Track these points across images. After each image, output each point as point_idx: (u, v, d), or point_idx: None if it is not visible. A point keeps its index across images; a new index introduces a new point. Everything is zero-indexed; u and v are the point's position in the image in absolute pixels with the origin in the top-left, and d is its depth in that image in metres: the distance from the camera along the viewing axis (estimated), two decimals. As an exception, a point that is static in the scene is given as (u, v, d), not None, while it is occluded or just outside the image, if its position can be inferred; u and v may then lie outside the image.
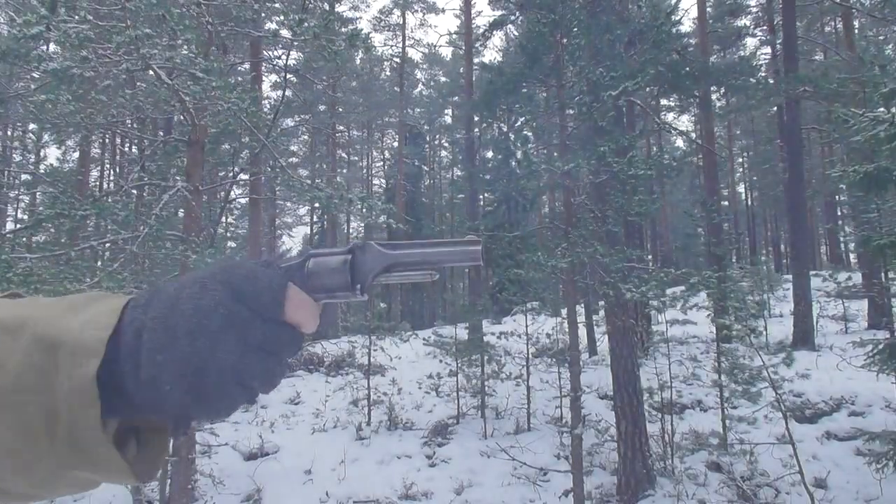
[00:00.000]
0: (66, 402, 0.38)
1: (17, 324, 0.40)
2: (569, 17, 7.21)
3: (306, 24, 5.94)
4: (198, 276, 0.42)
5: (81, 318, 0.41)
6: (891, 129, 5.19)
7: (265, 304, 0.41)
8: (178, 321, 0.39)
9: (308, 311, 0.43)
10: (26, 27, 4.52)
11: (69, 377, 0.38)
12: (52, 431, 0.38)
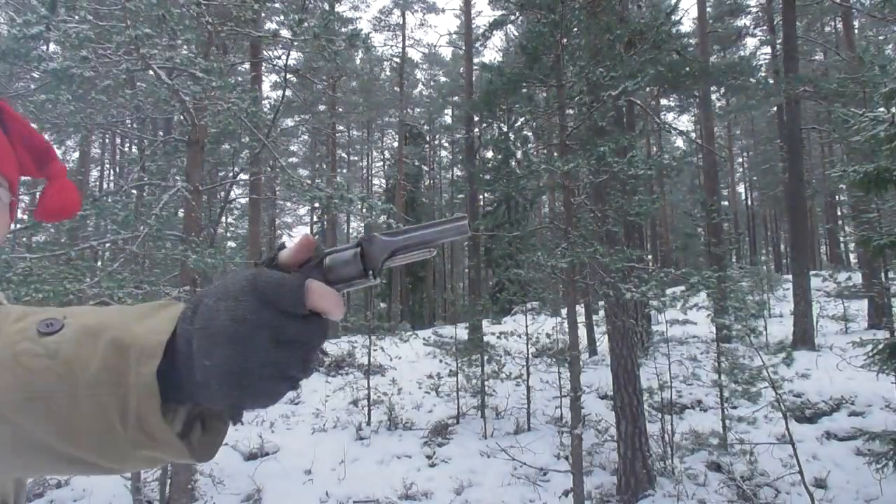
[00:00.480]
0: (135, 395, 0.46)
1: (99, 328, 0.49)
2: (569, 17, 7.20)
3: (306, 24, 5.94)
4: (232, 289, 0.48)
5: (147, 325, 0.49)
6: (891, 129, 5.18)
7: (289, 303, 0.47)
8: (219, 330, 0.46)
9: (330, 300, 0.49)
10: (26, 27, 4.52)
11: (137, 374, 0.46)
12: (124, 419, 0.47)
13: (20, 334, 0.50)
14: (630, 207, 7.37)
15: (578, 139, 8.27)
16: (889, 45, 20.50)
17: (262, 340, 0.46)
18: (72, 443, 0.48)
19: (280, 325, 0.47)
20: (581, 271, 7.82)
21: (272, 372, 0.47)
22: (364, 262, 0.53)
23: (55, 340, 0.49)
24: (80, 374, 0.47)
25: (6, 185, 0.92)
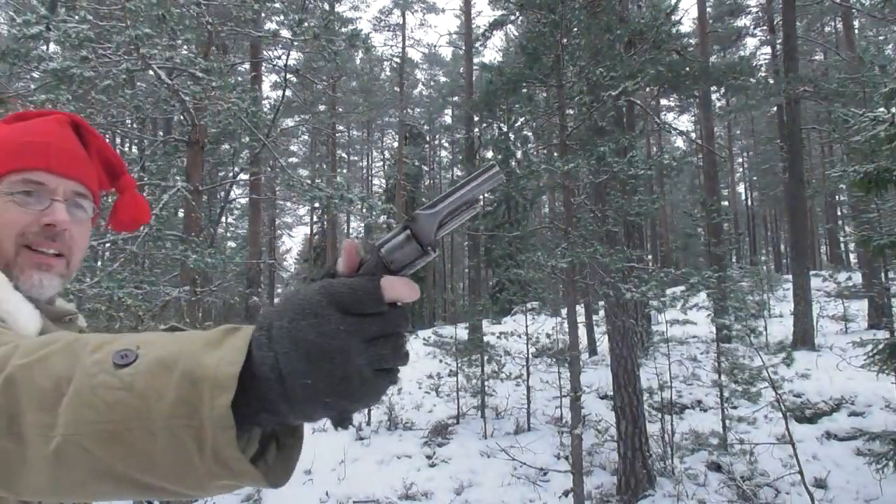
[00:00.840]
0: (210, 427, 0.47)
1: (172, 361, 0.49)
2: (569, 17, 7.20)
3: (306, 24, 5.94)
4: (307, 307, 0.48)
5: (217, 355, 0.49)
6: (891, 129, 5.18)
7: (370, 305, 0.49)
8: (311, 350, 0.47)
9: (402, 288, 0.51)
10: (26, 27, 4.52)
11: (211, 407, 0.47)
12: (201, 450, 0.47)
13: (97, 366, 0.51)
14: (630, 207, 7.37)
15: (578, 139, 8.27)
16: (889, 45, 20.50)
17: (354, 346, 0.47)
18: (150, 473, 0.49)
19: (366, 326, 0.48)
20: (581, 271, 7.82)
21: (372, 371, 0.48)
22: (418, 240, 0.55)
23: (130, 373, 0.49)
24: (154, 406, 0.48)
25: (90, 197, 0.98)
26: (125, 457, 0.49)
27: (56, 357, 0.54)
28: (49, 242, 0.91)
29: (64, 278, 0.95)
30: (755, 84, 11.95)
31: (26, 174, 0.90)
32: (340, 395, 0.47)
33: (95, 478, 0.51)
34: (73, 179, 0.94)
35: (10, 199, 0.89)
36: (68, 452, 0.50)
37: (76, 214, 0.94)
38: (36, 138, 0.93)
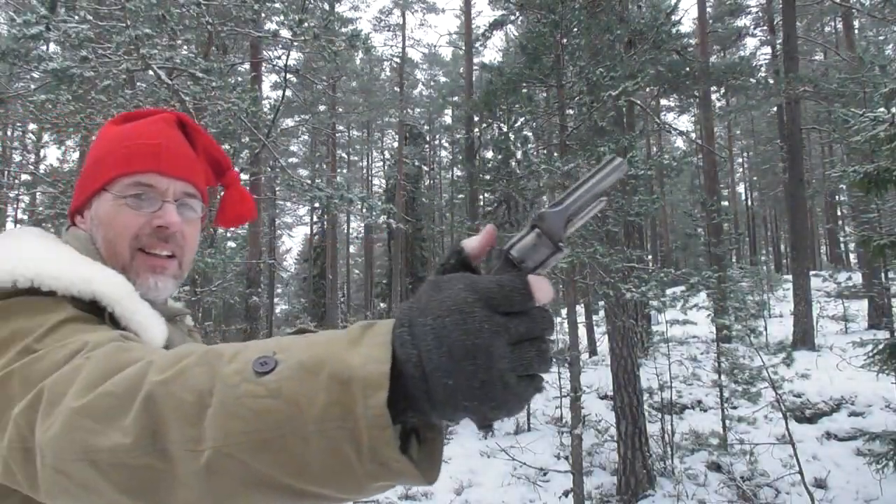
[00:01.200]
0: (366, 428, 0.46)
1: (316, 364, 0.49)
2: (569, 17, 7.20)
3: (306, 24, 5.93)
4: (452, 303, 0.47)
5: (362, 354, 0.48)
6: (891, 129, 5.18)
7: (519, 302, 0.47)
8: (454, 348, 0.45)
9: (546, 289, 0.49)
10: (26, 27, 4.52)
11: (365, 407, 0.46)
12: (358, 451, 0.46)
13: (238, 375, 0.50)
14: (630, 207, 7.37)
15: (578, 139, 8.27)
16: (889, 45, 20.51)
17: (500, 347, 0.46)
18: (307, 479, 0.49)
19: (511, 327, 0.46)
20: (581, 271, 7.82)
21: (516, 376, 0.46)
22: (549, 238, 0.54)
23: (274, 380, 0.49)
24: (306, 411, 0.47)
25: (199, 197, 0.98)
26: (280, 464, 0.48)
27: (193, 370, 0.53)
28: (162, 244, 0.92)
29: (177, 279, 0.96)
30: (755, 84, 11.96)
31: (137, 177, 0.90)
32: (480, 399, 0.46)
33: (250, 488, 0.50)
34: (183, 180, 0.94)
35: (122, 202, 0.90)
36: (220, 464, 0.49)
37: (186, 215, 0.95)
38: (146, 140, 0.93)
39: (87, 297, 0.75)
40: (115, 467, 0.53)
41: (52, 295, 0.73)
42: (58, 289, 0.73)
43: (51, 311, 0.70)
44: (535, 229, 0.54)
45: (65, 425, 0.55)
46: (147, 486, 0.53)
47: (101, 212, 0.91)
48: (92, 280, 0.76)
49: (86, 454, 0.54)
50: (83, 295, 0.75)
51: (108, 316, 0.76)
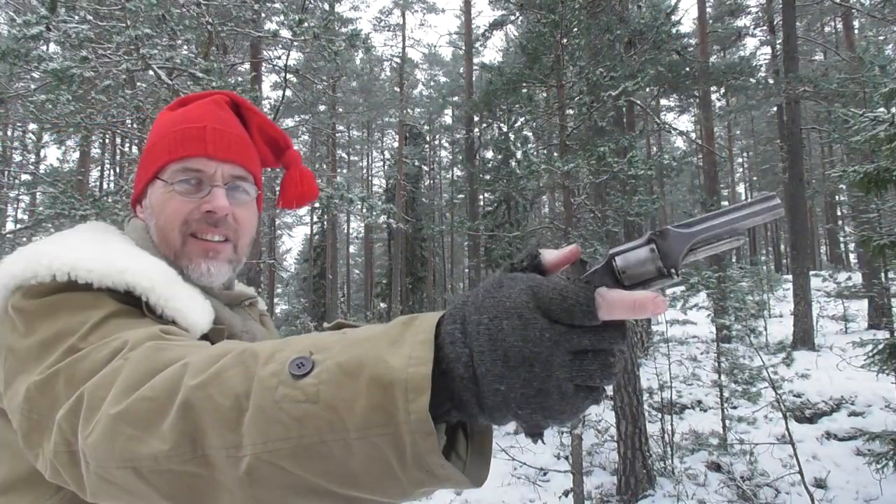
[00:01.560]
0: (409, 433, 0.44)
1: (355, 366, 0.46)
2: (569, 17, 7.20)
3: (306, 24, 5.94)
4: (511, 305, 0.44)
5: (403, 354, 0.46)
6: (891, 129, 5.18)
7: (580, 318, 0.44)
8: (510, 353, 0.43)
9: (626, 306, 0.44)
10: (26, 27, 4.52)
11: (407, 412, 0.43)
12: (401, 458, 0.44)
13: (275, 378, 0.48)
14: (630, 207, 7.37)
15: (578, 139, 8.27)
16: (889, 45, 20.50)
17: (559, 357, 0.43)
18: (351, 486, 0.47)
19: (574, 338, 0.44)
20: (581, 271, 7.81)
21: (574, 387, 0.44)
22: (662, 259, 0.49)
23: (313, 383, 0.47)
24: (346, 417, 0.45)
25: (252, 180, 0.95)
26: (323, 472, 0.47)
27: (229, 372, 0.51)
28: (212, 229, 0.90)
29: (233, 263, 0.94)
30: (755, 84, 11.96)
31: (185, 162, 0.89)
32: (534, 407, 0.43)
33: (295, 493, 0.49)
34: (231, 162, 0.92)
35: (171, 189, 0.89)
36: (262, 471, 0.48)
37: (238, 198, 0.93)
38: (192, 124, 0.91)
39: (121, 288, 0.74)
40: (158, 474, 0.52)
41: (90, 287, 0.73)
42: (92, 281, 0.73)
43: (93, 308, 0.70)
44: (651, 244, 0.49)
45: (105, 432, 0.54)
46: (191, 492, 0.52)
47: (154, 200, 0.91)
48: (125, 270, 0.75)
49: (127, 462, 0.53)
50: (117, 286, 0.74)
51: (144, 305, 0.75)
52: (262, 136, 1.00)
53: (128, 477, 0.54)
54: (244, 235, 0.95)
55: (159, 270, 0.80)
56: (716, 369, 8.42)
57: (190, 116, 0.93)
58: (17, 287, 0.73)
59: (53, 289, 0.72)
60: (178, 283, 0.81)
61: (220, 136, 0.91)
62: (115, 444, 0.54)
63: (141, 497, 0.55)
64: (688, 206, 26.50)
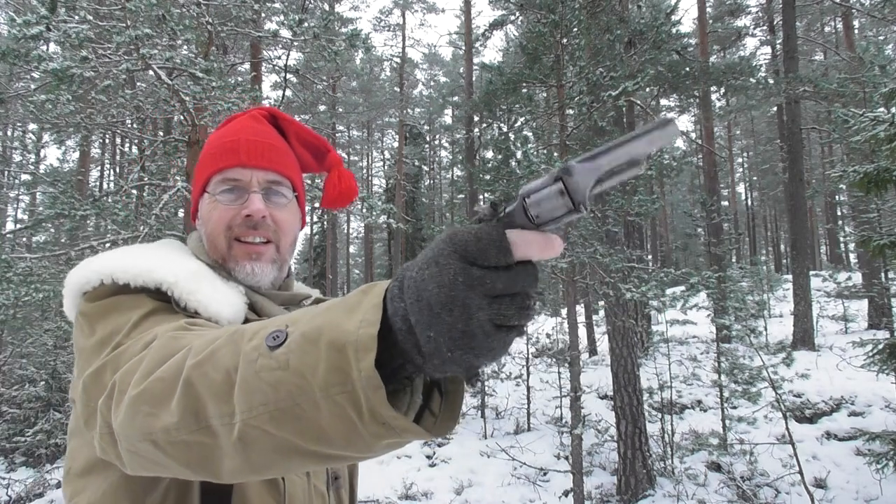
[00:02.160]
0: (362, 389, 0.48)
1: (316, 333, 0.51)
2: (569, 17, 7.20)
3: (306, 24, 5.94)
4: (430, 255, 0.47)
5: (356, 318, 0.50)
6: (891, 129, 5.18)
7: (494, 257, 0.46)
8: (432, 300, 0.45)
9: (537, 245, 0.47)
10: (26, 27, 4.52)
11: (359, 370, 0.48)
12: (359, 413, 0.48)
13: (255, 351, 0.54)
14: (630, 207, 7.37)
15: (578, 139, 8.26)
16: (889, 45, 20.50)
17: (476, 299, 0.45)
18: (325, 443, 0.52)
19: (490, 279, 0.46)
20: (581, 271, 7.82)
21: (494, 327, 0.46)
22: (571, 195, 0.48)
23: (284, 352, 0.52)
24: (312, 380, 0.49)
25: (288, 184, 1.03)
26: (300, 432, 0.51)
27: (222, 350, 0.57)
28: (252, 231, 0.98)
29: (276, 263, 1.01)
30: (755, 84, 11.95)
31: (224, 173, 0.99)
32: (463, 349, 0.46)
33: (281, 454, 0.54)
34: (265, 169, 0.99)
35: (215, 199, 0.99)
36: (250, 436, 0.53)
37: (275, 201, 1.00)
38: (229, 137, 1.01)
39: (152, 286, 0.85)
40: (172, 444, 0.59)
41: (128, 288, 0.85)
42: (128, 281, 0.85)
43: (135, 308, 0.81)
44: (559, 181, 0.49)
45: (128, 411, 0.63)
46: (202, 459, 0.59)
47: (203, 211, 1.03)
48: (153, 270, 0.86)
49: (146, 435, 0.61)
50: (147, 284, 0.85)
51: (173, 299, 0.85)
52: (302, 143, 1.08)
53: (149, 448, 0.61)
54: (285, 235, 1.02)
55: (186, 268, 0.89)
56: (716, 369, 8.41)
57: (228, 132, 1.02)
58: (80, 293, 0.88)
59: (106, 293, 0.85)
60: (206, 279, 0.90)
61: (254, 146, 0.99)
62: (136, 420, 0.62)
63: (164, 466, 0.62)
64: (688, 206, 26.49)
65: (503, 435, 9.39)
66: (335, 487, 1.04)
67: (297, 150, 1.08)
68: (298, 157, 1.08)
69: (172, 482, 0.81)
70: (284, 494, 0.89)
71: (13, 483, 7.95)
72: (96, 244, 6.20)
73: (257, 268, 0.98)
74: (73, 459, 0.88)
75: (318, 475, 0.99)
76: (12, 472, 8.66)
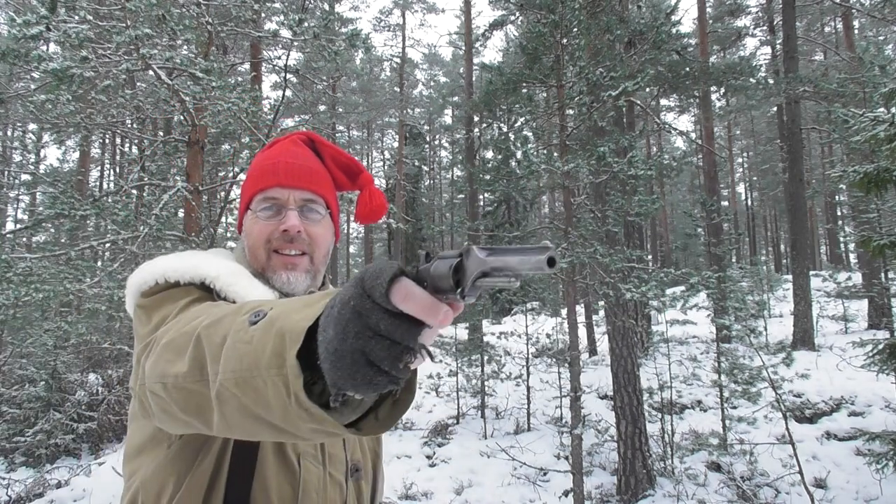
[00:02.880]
0: (291, 375, 0.53)
1: (275, 318, 0.58)
2: (569, 17, 7.20)
3: (306, 24, 5.93)
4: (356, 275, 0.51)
5: (305, 313, 0.55)
6: (891, 129, 5.18)
7: (377, 295, 0.48)
8: (330, 312, 0.50)
9: (419, 305, 0.48)
10: (26, 27, 4.51)
11: (290, 357, 0.53)
12: (288, 396, 0.54)
13: (241, 324, 0.62)
14: (630, 207, 7.36)
15: (578, 139, 8.27)
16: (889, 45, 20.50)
17: (356, 326, 0.47)
18: (271, 416, 0.57)
19: (375, 316, 0.47)
20: (581, 271, 7.82)
21: (362, 358, 0.47)
22: (461, 276, 0.49)
23: (253, 329, 0.59)
24: (261, 358, 0.56)
25: (322, 202, 1.14)
26: (255, 401, 0.57)
27: (226, 319, 0.66)
28: (289, 245, 1.09)
29: (310, 272, 1.12)
30: (755, 84, 11.94)
31: (265, 192, 1.10)
32: (331, 364, 0.48)
33: (244, 417, 0.60)
34: (301, 189, 1.10)
35: (256, 216, 1.10)
36: (223, 395, 0.60)
37: (310, 217, 1.11)
38: (270, 160, 1.12)
39: (197, 281, 0.98)
40: (178, 389, 0.68)
41: (177, 284, 0.98)
42: (178, 278, 0.99)
43: (183, 297, 0.94)
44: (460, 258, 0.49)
45: (155, 356, 0.74)
46: (197, 407, 0.66)
47: (246, 226, 1.13)
48: (197, 266, 0.99)
49: (161, 378, 0.71)
50: (194, 279, 0.98)
51: (214, 291, 0.98)
52: (336, 164, 1.19)
53: (160, 391, 0.71)
54: (319, 248, 1.13)
55: (227, 267, 1.01)
56: (716, 369, 8.41)
57: (270, 155, 1.13)
58: (139, 292, 1.01)
59: (160, 289, 0.98)
60: (245, 276, 1.01)
61: (291, 168, 1.10)
62: (158, 365, 0.72)
63: (169, 411, 0.71)
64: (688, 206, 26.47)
65: (503, 435, 9.39)
66: (355, 479, 1.10)
67: (332, 170, 1.18)
68: (333, 178, 1.18)
69: (209, 464, 0.92)
70: (300, 479, 0.98)
71: (13, 483, 7.94)
72: (96, 244, 6.20)
73: (293, 277, 1.08)
74: (129, 442, 1.00)
75: (336, 464, 1.06)
76: (12, 472, 8.66)
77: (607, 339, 8.26)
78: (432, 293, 0.49)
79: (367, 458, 1.15)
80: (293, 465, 0.98)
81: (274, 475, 0.95)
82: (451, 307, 0.49)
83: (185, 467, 0.91)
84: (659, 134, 24.43)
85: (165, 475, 0.92)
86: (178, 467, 0.92)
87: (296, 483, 0.97)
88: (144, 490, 0.93)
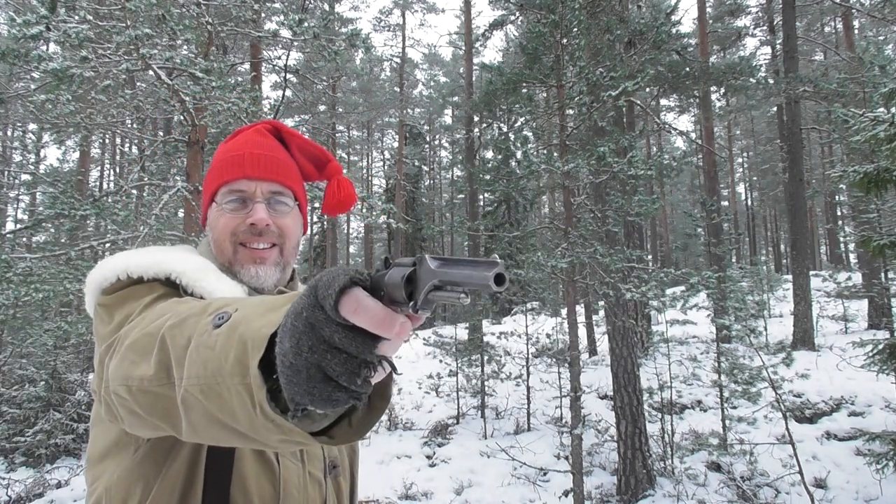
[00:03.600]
0: (254, 384, 0.50)
1: (237, 323, 0.55)
2: (569, 17, 7.20)
3: (306, 24, 5.93)
4: (312, 282, 0.48)
5: (266, 319, 0.52)
6: (891, 129, 5.18)
7: (327, 304, 0.45)
8: (287, 323, 0.47)
9: (371, 318, 0.44)
10: (26, 27, 4.51)
11: (251, 366, 0.51)
12: (253, 406, 0.51)
13: (204, 327, 0.59)
14: (630, 207, 7.36)
15: (578, 139, 8.27)
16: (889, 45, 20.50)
17: (310, 339, 0.45)
18: (236, 423, 0.54)
19: (328, 329, 0.45)
20: (581, 271, 7.82)
21: (319, 374, 0.45)
22: (414, 286, 0.46)
23: (217, 334, 0.56)
24: (224, 365, 0.53)
25: (290, 193, 1.10)
26: (220, 408, 0.55)
27: (190, 320, 0.63)
28: (256, 238, 1.05)
29: (279, 265, 1.09)
30: (755, 84, 11.94)
31: (230, 185, 1.06)
32: (287, 377, 0.46)
33: (211, 424, 0.57)
34: (268, 180, 1.06)
35: (222, 208, 1.07)
36: (189, 401, 0.58)
37: (278, 209, 1.08)
38: (234, 152, 1.08)
39: (162, 276, 0.94)
40: (143, 393, 0.65)
41: (141, 280, 0.94)
42: (141, 274, 0.94)
43: (147, 294, 0.90)
44: (413, 267, 0.47)
45: (118, 357, 0.70)
46: (164, 411, 0.64)
47: (211, 219, 1.09)
48: (162, 262, 0.95)
49: (124, 380, 0.67)
50: (158, 274, 0.94)
51: (181, 287, 0.93)
52: (303, 154, 1.15)
53: (125, 393, 0.67)
54: (289, 239, 1.10)
55: (194, 261, 0.97)
56: (716, 369, 8.41)
57: (234, 146, 1.09)
58: (100, 289, 0.95)
59: (122, 285, 0.94)
60: (212, 272, 0.97)
61: (257, 159, 1.06)
62: (122, 365, 0.69)
63: (136, 415, 0.68)
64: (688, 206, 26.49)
65: (503, 435, 9.39)
66: (333, 475, 1.07)
67: (299, 160, 1.14)
68: (300, 168, 1.14)
69: (180, 466, 0.88)
70: (280, 478, 0.95)
71: (13, 483, 7.94)
72: (96, 244, 6.20)
73: (261, 271, 1.05)
74: (92, 447, 0.96)
75: (314, 462, 1.03)
76: (12, 472, 8.66)
77: (607, 339, 8.26)
78: (388, 303, 0.46)
79: (343, 454, 1.12)
80: (272, 462, 0.95)
81: (253, 474, 0.92)
82: (409, 318, 0.46)
83: (153, 472, 0.88)
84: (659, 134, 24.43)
85: (132, 480, 0.88)
86: (145, 472, 0.88)
87: (276, 481, 0.94)
88: (108, 496, 0.88)
